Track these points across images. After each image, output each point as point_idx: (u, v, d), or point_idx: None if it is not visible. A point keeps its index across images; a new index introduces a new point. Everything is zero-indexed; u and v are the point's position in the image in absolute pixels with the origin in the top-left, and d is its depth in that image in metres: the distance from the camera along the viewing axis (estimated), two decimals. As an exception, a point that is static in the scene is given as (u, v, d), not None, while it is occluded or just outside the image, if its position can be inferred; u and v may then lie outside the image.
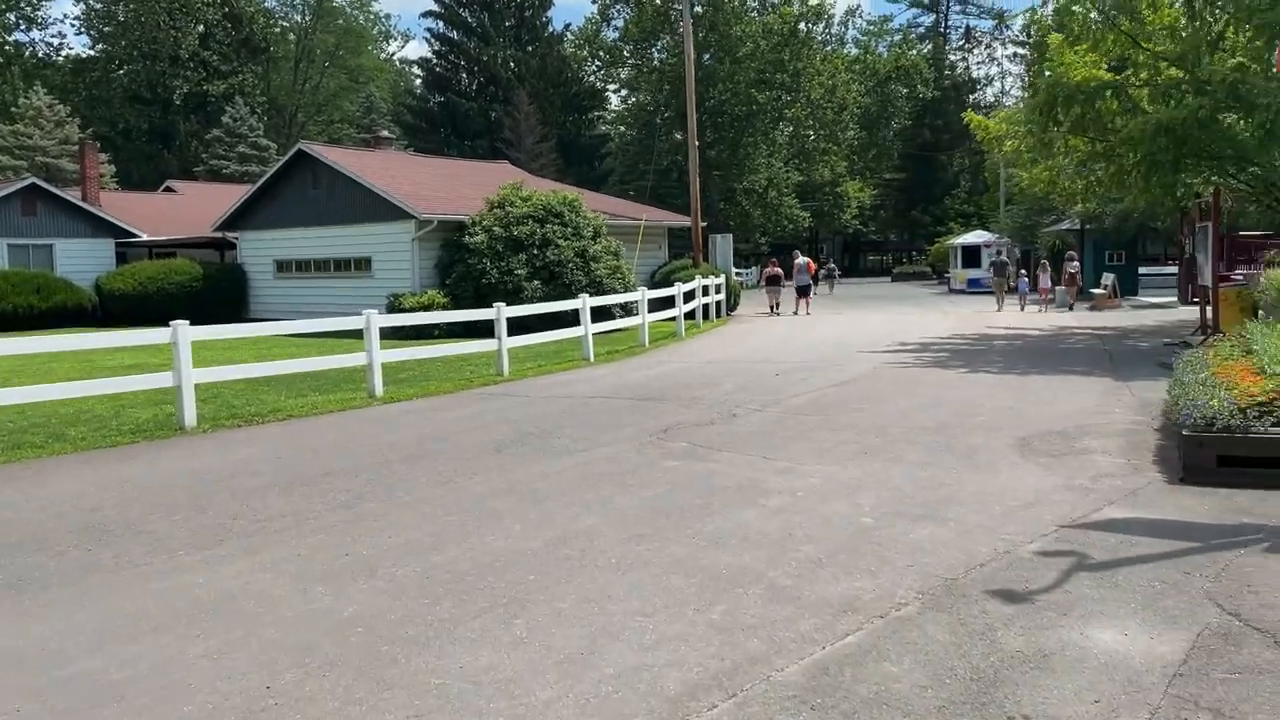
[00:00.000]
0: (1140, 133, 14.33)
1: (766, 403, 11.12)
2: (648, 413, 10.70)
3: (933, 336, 19.42)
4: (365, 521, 6.53)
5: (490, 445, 9.09)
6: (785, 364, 15.01)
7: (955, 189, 73.16)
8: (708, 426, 9.73)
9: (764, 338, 20.46)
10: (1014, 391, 11.65)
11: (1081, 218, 32.29)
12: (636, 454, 8.48)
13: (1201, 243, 16.00)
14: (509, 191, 23.87)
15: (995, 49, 79.93)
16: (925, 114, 71.36)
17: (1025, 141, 17.30)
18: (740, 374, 13.95)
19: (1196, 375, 8.58)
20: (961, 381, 12.69)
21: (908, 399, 11.22)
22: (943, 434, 9.05)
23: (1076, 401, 10.85)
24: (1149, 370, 13.46)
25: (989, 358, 15.43)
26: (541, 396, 12.37)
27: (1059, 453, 8.16)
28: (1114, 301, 26.97)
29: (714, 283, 25.23)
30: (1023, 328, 21.37)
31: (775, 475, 7.49)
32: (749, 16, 60.01)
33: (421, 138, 62.04)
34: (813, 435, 9.10)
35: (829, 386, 12.37)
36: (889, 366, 14.40)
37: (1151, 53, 16.35)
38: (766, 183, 62.28)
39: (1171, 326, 20.40)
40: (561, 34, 69.06)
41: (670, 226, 30.93)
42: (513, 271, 22.33)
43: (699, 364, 15.63)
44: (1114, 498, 6.61)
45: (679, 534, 5.99)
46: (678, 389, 12.58)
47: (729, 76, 57.65)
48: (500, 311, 14.66)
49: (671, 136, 60.87)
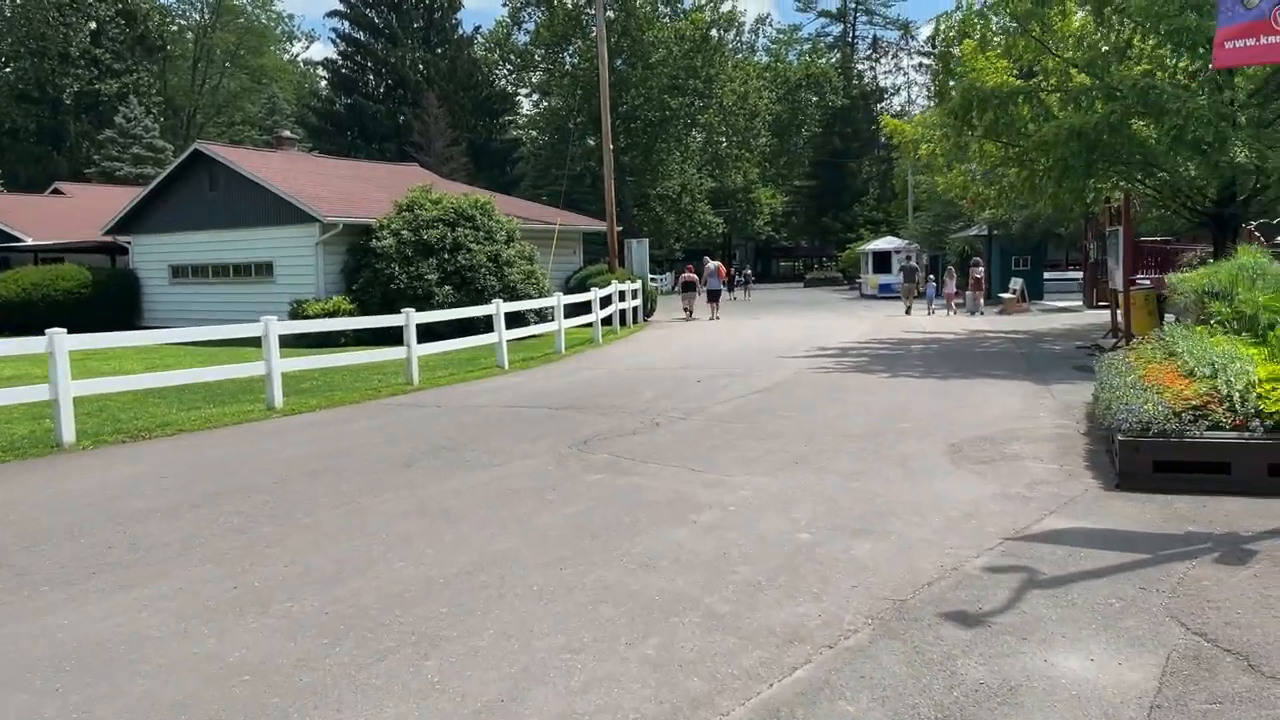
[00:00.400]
0: (1054, 137, 14.40)
1: (689, 411, 10.75)
2: (566, 423, 10.22)
3: (851, 341, 19.36)
4: (259, 548, 5.93)
5: (399, 460, 8.51)
6: (706, 370, 14.68)
7: (864, 196, 74.32)
8: (630, 437, 9.30)
9: (683, 344, 20.15)
10: (939, 397, 11.50)
11: (989, 223, 32.85)
12: (556, 467, 8.00)
13: (1112, 247, 16.21)
14: (418, 194, 23.12)
15: (901, 59, 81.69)
16: (835, 122, 72.34)
17: (940, 145, 17.35)
18: (661, 381, 13.57)
19: (1124, 378, 8.47)
20: (885, 387, 12.52)
21: (833, 405, 10.97)
22: (872, 441, 8.79)
23: (1001, 406, 10.74)
24: (1066, 373, 13.51)
25: (909, 362, 15.35)
26: (454, 407, 11.79)
27: (991, 459, 7.95)
28: (1022, 306, 27.45)
29: (630, 288, 24.86)
30: (938, 332, 21.50)
31: (704, 488, 7.09)
32: (661, 22, 60.02)
33: (327, 141, 60.35)
34: (739, 444, 8.75)
35: (752, 393, 12.06)
36: (811, 372, 14.18)
37: (1061, 59, 16.52)
38: (680, 188, 62.31)
39: (1081, 330, 20.73)
40: (471, 37, 68.11)
41: (585, 231, 30.49)
42: (422, 276, 21.61)
43: (618, 371, 15.21)
44: (1053, 506, 6.38)
45: (606, 556, 5.54)
46: (597, 397, 12.13)
47: (641, 82, 57.54)
48: (410, 318, 14.02)
49: (584, 141, 60.51)
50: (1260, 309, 8.44)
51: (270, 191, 23.73)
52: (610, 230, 27.45)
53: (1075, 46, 17.24)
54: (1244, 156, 13.27)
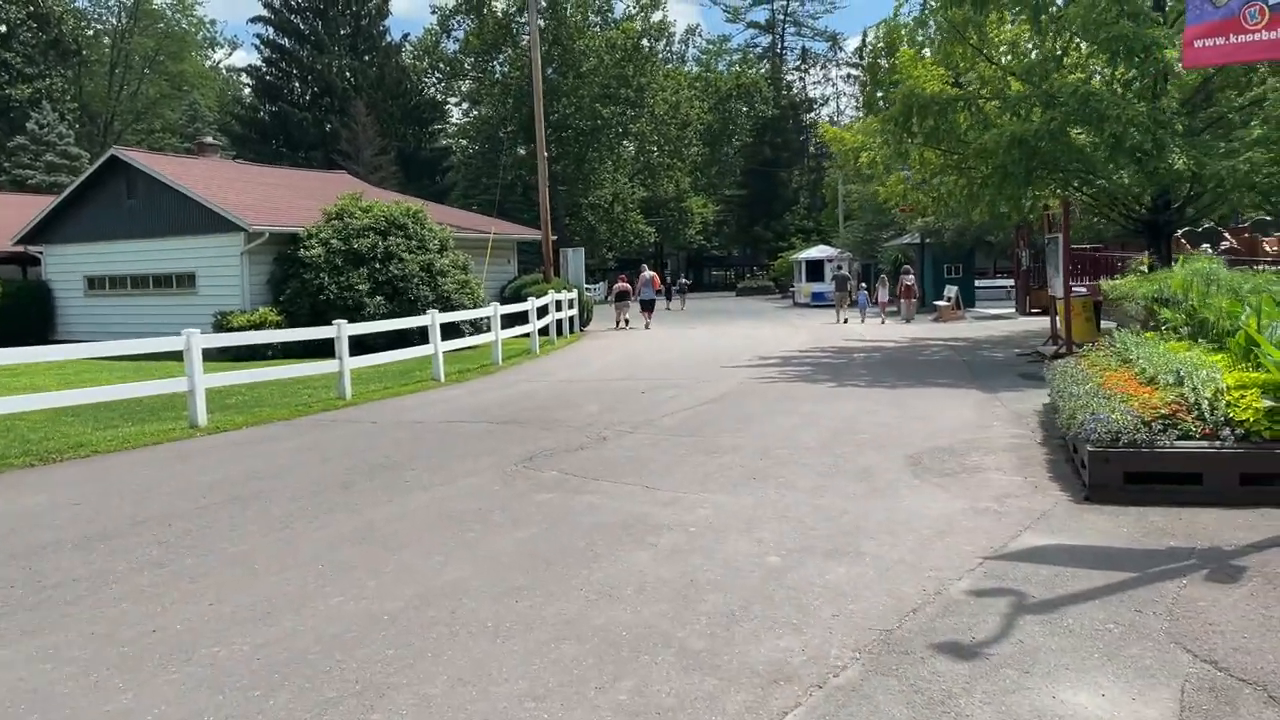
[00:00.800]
0: (995, 144, 14.39)
1: (637, 424, 10.37)
2: (510, 438, 9.77)
3: (792, 350, 19.19)
4: (182, 583, 5.39)
5: (334, 481, 7.98)
6: (649, 381, 14.33)
7: (795, 205, 74.91)
8: (578, 452, 8.89)
9: (622, 354, 19.78)
10: (890, 406, 11.30)
11: (922, 232, 33.15)
12: (503, 486, 7.56)
13: (1051, 255, 16.27)
14: (348, 202, 22.42)
15: (830, 70, 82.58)
16: (765, 132, 72.79)
17: (881, 153, 17.28)
18: (604, 393, 13.18)
19: (1082, 386, 8.33)
20: (834, 396, 12.29)
21: (785, 416, 10.69)
22: (829, 454, 8.51)
23: (953, 415, 10.57)
24: (1012, 381, 13.45)
25: (854, 371, 15.19)
26: (390, 422, 11.24)
27: (953, 471, 7.72)
28: (957, 313, 27.66)
29: (567, 298, 24.43)
30: (877, 340, 21.46)
31: (661, 508, 6.72)
32: (592, 31, 59.78)
33: (252, 149, 58.78)
34: (693, 459, 8.40)
35: (699, 404, 11.73)
36: (757, 382, 13.92)
37: (999, 67, 16.58)
38: (612, 198, 62.04)
39: (1018, 337, 20.86)
40: (400, 44, 67.10)
41: (519, 240, 29.97)
42: (353, 287, 20.92)
43: (558, 383, 14.77)
44: (1026, 522, 6.15)
45: (564, 585, 5.13)
46: (539, 411, 11.69)
47: (573, 91, 57.20)
48: (341, 330, 13.42)
49: (515, 150, 59.92)
50: (1222, 314, 8.35)
51: (192, 199, 22.81)
52: (545, 239, 26.99)
53: (1009, 54, 17.35)
54: (1182, 163, 13.37)
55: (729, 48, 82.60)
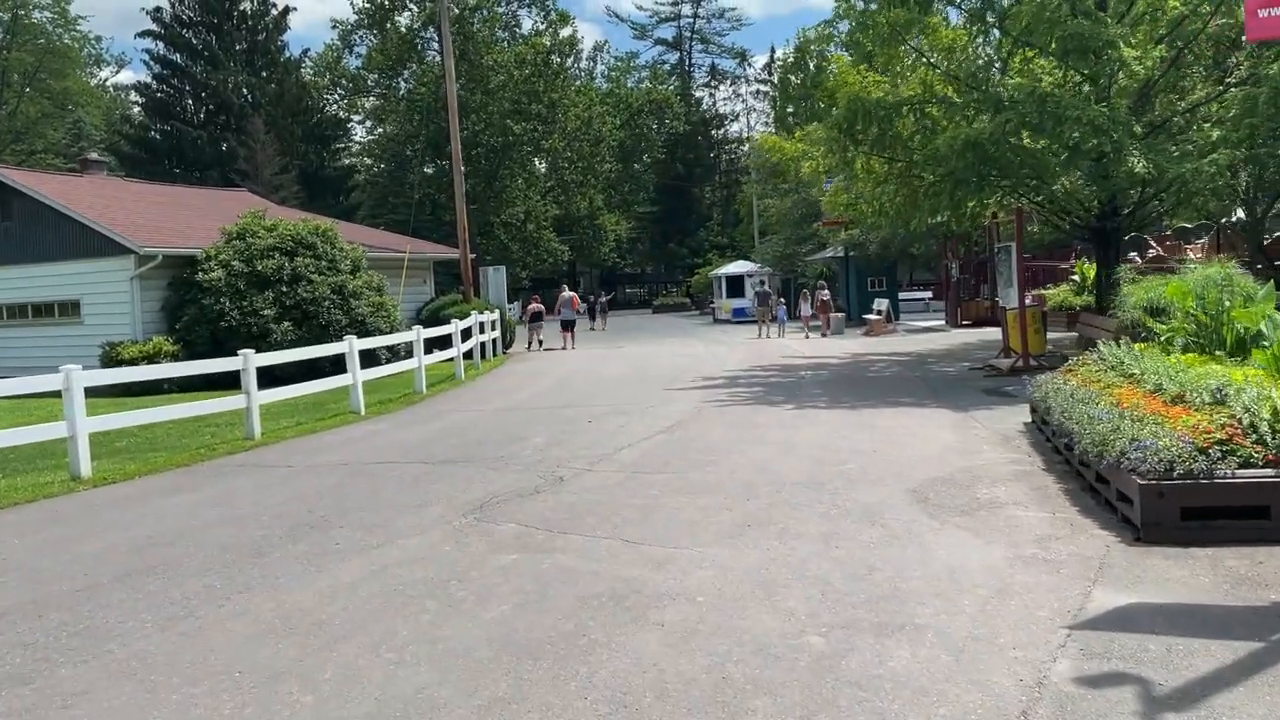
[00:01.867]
0: (948, 148, 13.72)
1: (594, 459, 9.24)
2: (452, 481, 8.54)
3: (734, 369, 18.27)
4: (52, 709, 4.08)
5: (248, 546, 6.65)
6: (593, 408, 13.20)
7: (709, 221, 74.70)
8: (534, 497, 7.72)
9: (555, 377, 18.60)
10: (863, 430, 10.40)
11: (846, 245, 32.76)
12: (455, 546, 6.35)
13: (1003, 264, 15.70)
14: (250, 220, 20.80)
15: (740, 86, 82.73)
16: (677, 148, 72.42)
17: (825, 161, 16.51)
18: (546, 423, 12.01)
19: (1094, 408, 7.52)
20: (800, 420, 11.35)
21: (755, 445, 9.68)
22: (822, 490, 7.51)
23: (934, 438, 9.72)
24: (977, 398, 12.72)
25: (808, 391, 14.30)
26: (308, 466, 9.88)
27: (968, 507, 6.81)
28: (888, 327, 27.19)
29: (489, 319, 23.13)
30: (817, 356, 20.70)
31: (653, 570, 5.62)
32: (500, 46, 58.56)
33: (143, 170, 55.67)
34: (670, 502, 7.31)
35: (656, 433, 10.66)
36: (710, 406, 12.91)
37: (942, 72, 16.00)
38: (525, 216, 60.71)
39: (960, 350, 20.33)
40: (300, 60, 64.78)
41: (436, 259, 28.53)
42: (258, 312, 19.31)
43: (495, 412, 13.53)
44: (1087, 573, 5.23)
45: (560, 692, 3.99)
46: (479, 446, 10.46)
47: (482, 107, 55.82)
48: (248, 360, 11.96)
49: (423, 169, 58.27)
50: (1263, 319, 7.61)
51: (75, 220, 20.90)
52: (464, 257, 25.65)
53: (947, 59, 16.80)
54: (1141, 167, 12.87)
55: (637, 64, 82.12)
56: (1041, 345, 16.86)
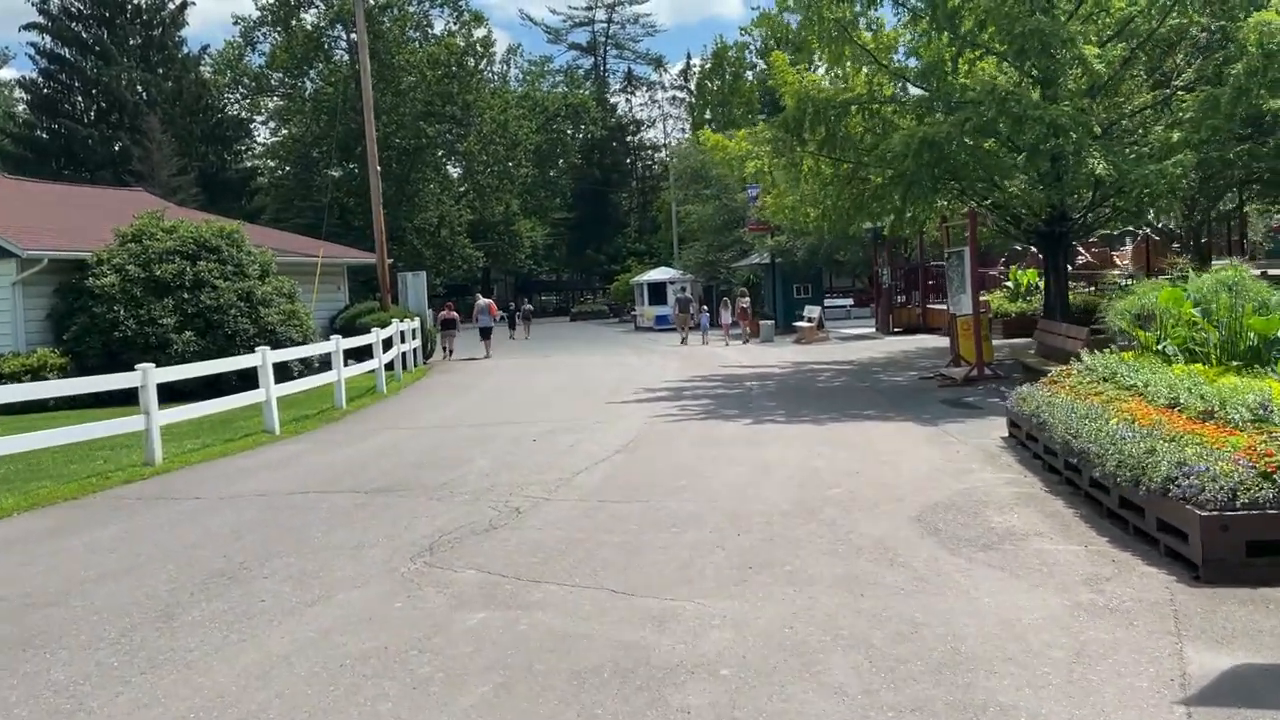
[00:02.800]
0: (905, 146, 13.10)
1: (551, 486, 8.25)
2: (391, 515, 7.46)
3: (674, 380, 17.40)
4: None
5: (152, 605, 5.51)
6: (536, 425, 12.18)
7: (626, 228, 73.99)
8: (492, 534, 6.71)
9: (484, 390, 17.48)
10: (837, 448, 9.62)
11: (772, 252, 32.28)
12: (408, 601, 5.32)
13: (955, 270, 15.18)
14: (148, 221, 19.18)
15: (656, 93, 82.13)
16: (594, 153, 71.53)
17: (771, 162, 15.77)
18: (487, 442, 10.95)
19: (1107, 424, 6.86)
20: (764, 436, 10.53)
21: (727, 466, 8.82)
22: (818, 521, 6.68)
23: (918, 457, 9.01)
24: (941, 409, 12.10)
25: (760, 403, 13.52)
26: (221, 497, 8.66)
27: (989, 541, 6.05)
28: (821, 334, 26.68)
29: (410, 328, 21.85)
30: (757, 365, 19.98)
31: (656, 630, 4.69)
32: (411, 46, 56.90)
33: (29, 170, 52.22)
34: (653, 539, 6.39)
35: (614, 454, 9.71)
36: (663, 421, 12.01)
37: (891, 71, 15.44)
38: (438, 221, 59.06)
39: (903, 358, 19.84)
40: (199, 57, 61.94)
41: (350, 264, 27.04)
42: (156, 321, 17.75)
43: (426, 431, 12.40)
44: (1166, 626, 4.50)
45: (587, 824, 3.03)
46: (416, 471, 9.37)
47: (393, 109, 54.03)
48: (148, 376, 10.62)
49: (330, 171, 56.29)
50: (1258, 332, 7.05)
51: (-53, 220, 18.97)
52: (381, 262, 24.28)
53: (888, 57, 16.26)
54: (1102, 169, 12.44)
55: (552, 69, 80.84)
56: (991, 353, 16.44)
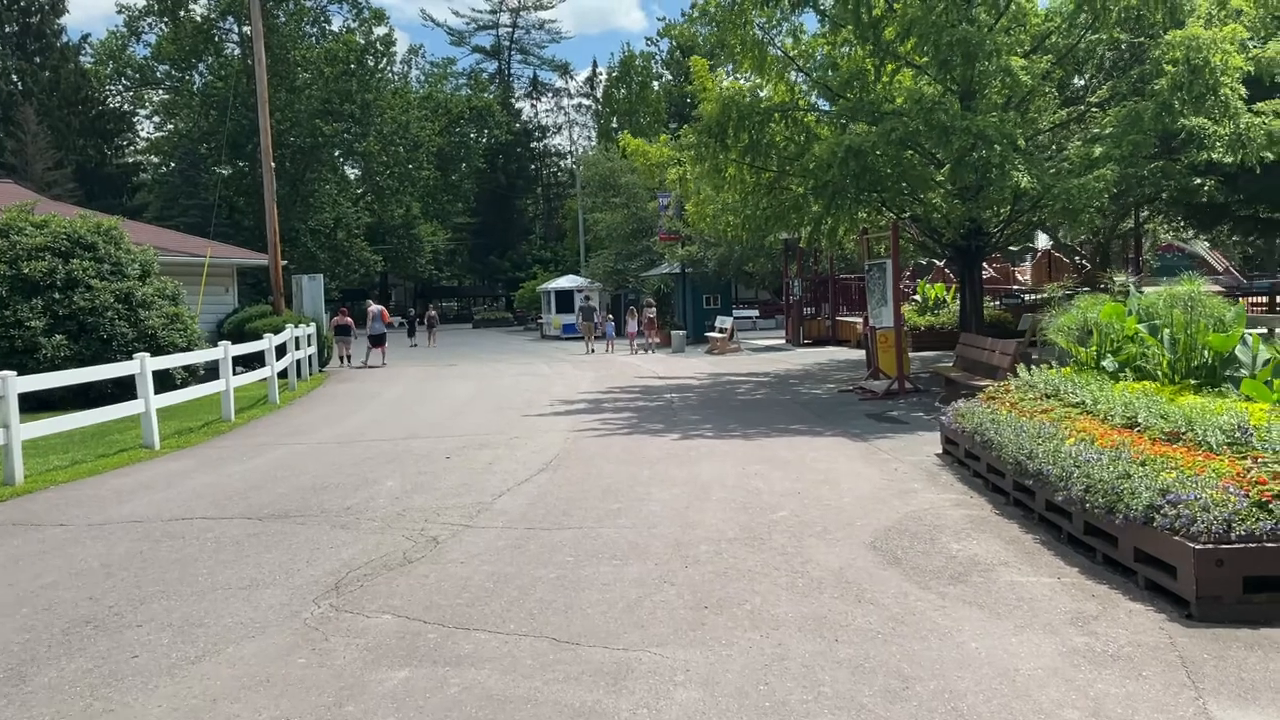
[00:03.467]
0: (831, 155, 12.74)
1: (470, 510, 7.51)
2: (290, 546, 6.63)
3: (589, 391, 16.72)
4: None
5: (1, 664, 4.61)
6: (447, 440, 11.37)
7: (531, 235, 73.06)
8: (408, 569, 5.96)
9: (388, 401, 16.49)
10: (772, 466, 9.11)
11: (683, 262, 31.92)
12: (314, 657, 4.55)
13: (876, 282, 14.91)
14: (16, 215, 17.63)
15: (562, 99, 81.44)
16: (499, 157, 70.44)
17: (693, 169, 15.24)
18: (395, 460, 10.11)
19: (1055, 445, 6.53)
20: (693, 453, 9.95)
21: (659, 486, 8.21)
22: (769, 549, 6.13)
23: (853, 474, 8.57)
24: (868, 424, 11.74)
25: (684, 417, 12.96)
26: (90, 524, 7.65)
27: (956, 572, 5.60)
28: (733, 345, 26.32)
29: (305, 334, 20.66)
30: (674, 376, 19.44)
31: (610, 690, 4.05)
32: (308, 42, 54.97)
33: (-113, 160, 48.96)
34: (592, 574, 5.73)
35: (538, 473, 9.00)
36: (585, 436, 11.33)
37: (814, 80, 15.13)
38: (334, 223, 57.16)
39: (818, 370, 19.57)
40: (79, 46, 58.87)
41: (240, 265, 25.56)
42: (23, 323, 16.26)
43: (326, 446, 11.46)
44: (1176, 675, 4.09)
45: None
46: (316, 493, 8.50)
47: (288, 105, 52.08)
48: (8, 384, 9.45)
49: (219, 169, 53.94)
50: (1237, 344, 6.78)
51: None
52: (274, 263, 22.96)
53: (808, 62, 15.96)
54: (1026, 182, 12.29)
55: (455, 71, 79.36)
56: (908, 366, 16.26)
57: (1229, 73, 11.87)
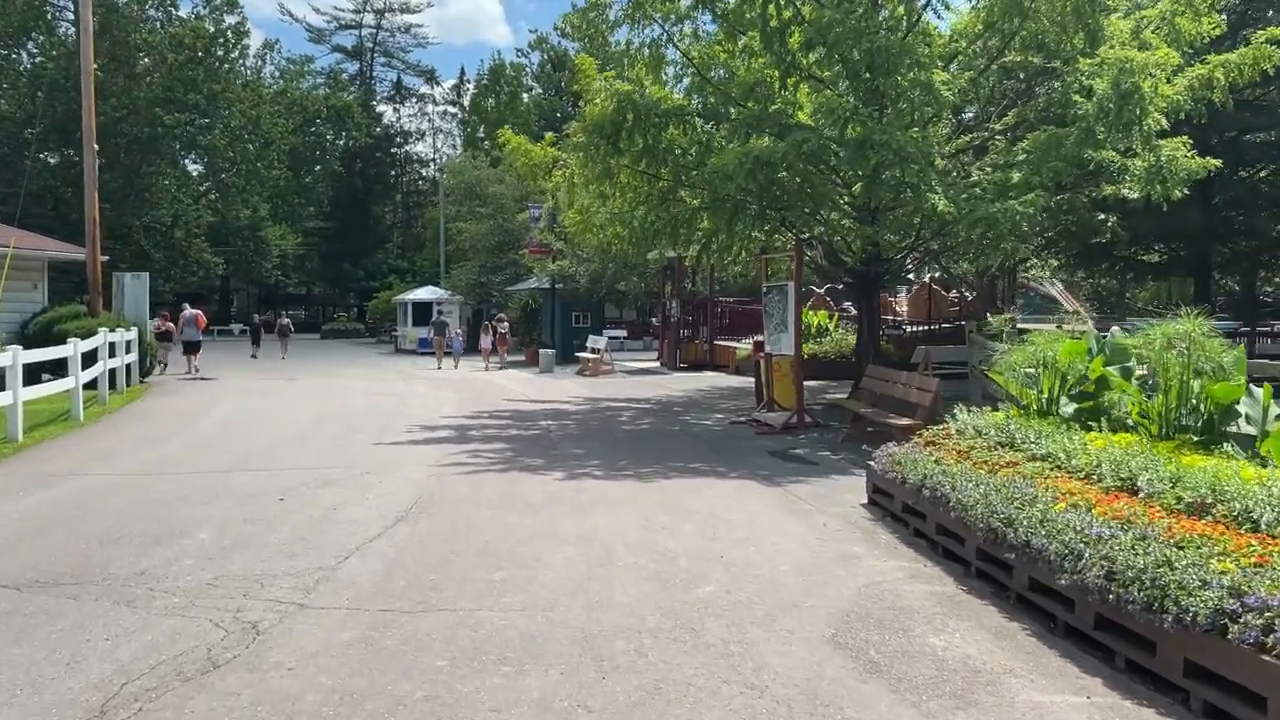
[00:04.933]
0: (738, 165, 11.50)
1: (306, 580, 5.78)
2: (47, 638, 4.77)
3: (453, 415, 14.92)
4: None
5: None
6: (283, 472, 9.48)
7: (388, 243, 70.00)
8: (211, 682, 4.23)
9: (216, 421, 14.25)
10: (679, 516, 7.68)
11: (553, 277, 30.38)
12: None
13: (776, 305, 13.74)
14: None
15: (427, 105, 78.61)
16: (356, 161, 67.19)
17: (581, 171, 13.73)
18: (214, 499, 8.19)
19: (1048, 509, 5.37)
20: (585, 498, 8.41)
21: (549, 546, 6.64)
22: (706, 648, 4.70)
23: (776, 530, 7.27)
24: (773, 463, 10.50)
25: (566, 450, 11.39)
26: None
27: (956, 689, 4.33)
28: (606, 367, 24.83)
29: (124, 339, 18.07)
30: (546, 400, 17.77)
31: None
32: (151, 25, 50.99)
33: None
34: (479, 695, 4.15)
35: (396, 523, 7.29)
36: (452, 472, 9.61)
37: (714, 85, 13.91)
38: (172, 220, 53.00)
39: (703, 397, 18.29)
40: (-117, 12, 52.82)
41: (51, 259, 22.47)
42: None
43: (129, 478, 9.38)
44: None
45: None
46: (103, 547, 6.56)
47: (125, 91, 48.07)
48: None
49: (44, 156, 49.37)
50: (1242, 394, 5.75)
51: None
52: (93, 258, 20.19)
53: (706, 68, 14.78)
54: (943, 205, 11.37)
55: (313, 70, 75.50)
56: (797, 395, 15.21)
57: (1156, 101, 11.24)
